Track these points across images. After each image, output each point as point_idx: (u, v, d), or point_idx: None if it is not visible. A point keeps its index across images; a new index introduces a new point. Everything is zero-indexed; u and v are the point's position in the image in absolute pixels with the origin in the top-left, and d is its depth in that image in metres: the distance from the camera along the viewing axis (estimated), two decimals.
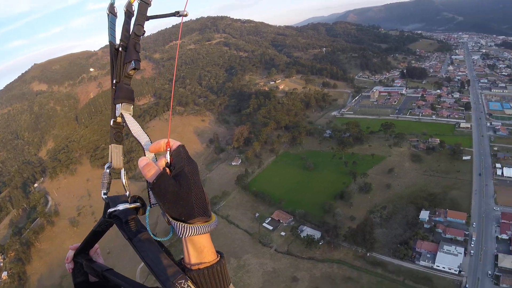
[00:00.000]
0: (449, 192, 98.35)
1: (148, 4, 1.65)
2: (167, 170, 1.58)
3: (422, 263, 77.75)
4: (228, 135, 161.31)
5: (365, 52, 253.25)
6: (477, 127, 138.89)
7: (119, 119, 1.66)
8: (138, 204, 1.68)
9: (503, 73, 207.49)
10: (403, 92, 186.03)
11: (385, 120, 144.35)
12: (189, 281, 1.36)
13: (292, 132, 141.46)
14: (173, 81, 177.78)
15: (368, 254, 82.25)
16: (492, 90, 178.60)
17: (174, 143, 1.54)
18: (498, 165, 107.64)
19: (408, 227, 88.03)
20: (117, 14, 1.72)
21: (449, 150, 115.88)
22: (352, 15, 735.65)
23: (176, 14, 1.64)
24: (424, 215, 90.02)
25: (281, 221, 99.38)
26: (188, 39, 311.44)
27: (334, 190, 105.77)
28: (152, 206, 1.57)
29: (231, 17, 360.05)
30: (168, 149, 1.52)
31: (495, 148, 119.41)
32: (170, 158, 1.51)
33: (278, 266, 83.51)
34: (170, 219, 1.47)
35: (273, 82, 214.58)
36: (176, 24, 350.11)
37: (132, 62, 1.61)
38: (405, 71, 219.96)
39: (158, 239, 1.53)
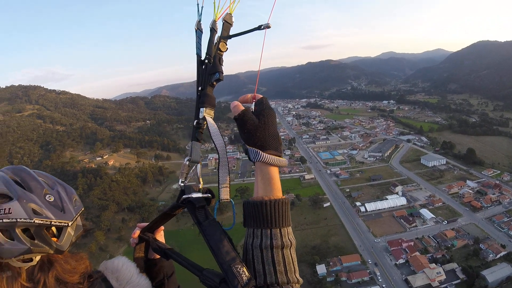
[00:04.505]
0: (329, 240, 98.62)
1: (231, 25, 1.80)
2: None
3: None
4: None
5: (189, 122, 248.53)
6: (319, 176, 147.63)
7: (201, 121, 1.84)
8: (209, 195, 1.82)
9: (319, 127, 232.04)
10: (238, 156, 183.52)
11: (232, 185, 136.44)
12: (244, 268, 1.40)
13: (140, 213, 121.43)
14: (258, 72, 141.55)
15: None
16: (316, 143, 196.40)
17: (258, 96, 1.70)
18: (358, 203, 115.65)
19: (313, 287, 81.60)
20: (203, 30, 1.89)
21: (309, 201, 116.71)
22: (165, 90, 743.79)
23: (259, 27, 1.69)
24: (321, 269, 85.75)
25: None
26: None
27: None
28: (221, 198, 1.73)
29: (44, 87, 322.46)
30: (254, 100, 1.68)
31: (347, 190, 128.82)
32: (254, 108, 1.66)
33: None
34: (247, 146, 1.63)
35: (100, 158, 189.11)
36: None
37: (216, 73, 1.75)
38: (233, 137, 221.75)
39: (223, 228, 1.62)
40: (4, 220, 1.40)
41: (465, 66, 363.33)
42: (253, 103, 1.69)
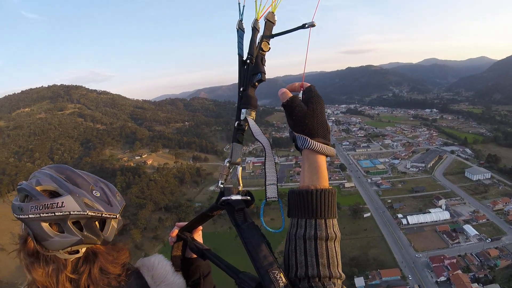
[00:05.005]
0: (369, 252, 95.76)
1: (273, 24, 1.74)
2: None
3: None
4: None
5: (228, 125, 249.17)
6: (360, 184, 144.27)
7: (242, 122, 1.78)
8: (249, 198, 1.79)
9: (359, 134, 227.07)
10: (276, 161, 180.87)
11: None
12: (281, 273, 1.37)
13: (177, 213, 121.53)
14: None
15: None
16: (356, 150, 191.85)
17: (306, 84, 1.67)
18: (399, 215, 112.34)
19: None
20: (245, 30, 1.83)
21: (349, 211, 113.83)
22: (203, 93, 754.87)
23: (303, 26, 1.64)
24: (360, 282, 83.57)
25: None
26: (37, 108, 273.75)
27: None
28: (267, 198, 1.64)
29: (86, 87, 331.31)
30: (302, 89, 1.65)
31: (389, 201, 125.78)
32: (302, 96, 1.63)
33: None
34: (295, 133, 1.58)
35: (139, 157, 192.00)
36: (25, 90, 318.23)
37: (258, 74, 1.72)
38: (271, 141, 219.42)
39: (270, 230, 1.61)
40: (57, 213, 1.49)
41: (511, 75, 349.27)
42: (301, 91, 1.66)
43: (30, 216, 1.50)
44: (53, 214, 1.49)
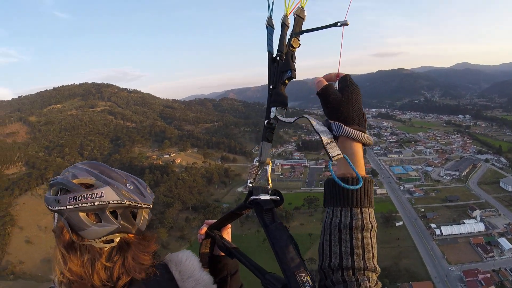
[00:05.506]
0: (400, 263, 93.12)
1: (303, 19, 1.69)
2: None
3: None
4: None
5: (257, 126, 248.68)
6: (392, 191, 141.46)
7: (272, 121, 1.74)
8: (278, 197, 1.73)
9: (391, 140, 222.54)
10: (306, 164, 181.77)
11: (297, 193, 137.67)
12: (308, 277, 1.33)
13: (204, 213, 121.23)
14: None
15: None
16: (388, 156, 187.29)
17: (341, 73, 1.64)
18: (433, 225, 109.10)
19: None
20: (274, 26, 1.79)
21: (381, 218, 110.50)
22: (232, 94, 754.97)
23: (336, 24, 1.58)
24: None
25: None
26: (69, 104, 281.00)
27: None
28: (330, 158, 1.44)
29: (117, 85, 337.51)
30: (338, 78, 1.61)
31: (422, 210, 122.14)
32: (338, 85, 1.59)
33: None
34: (330, 121, 1.55)
35: (167, 156, 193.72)
36: (57, 87, 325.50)
37: (288, 71, 1.67)
38: (300, 143, 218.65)
39: (344, 185, 1.39)
40: (96, 203, 1.56)
41: None
42: (337, 81, 1.62)
43: (68, 207, 1.55)
44: (93, 204, 1.55)
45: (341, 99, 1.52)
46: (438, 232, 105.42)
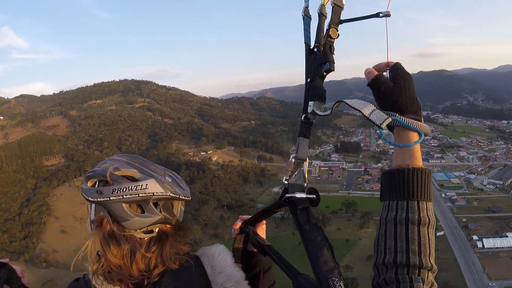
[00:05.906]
0: (439, 275, 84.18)
1: (341, 8, 1.61)
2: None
3: None
4: None
5: (294, 126, 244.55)
6: (433, 199, 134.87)
7: (309, 115, 1.63)
8: (314, 196, 1.64)
9: (432, 144, 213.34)
10: (344, 166, 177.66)
11: (335, 196, 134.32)
12: (341, 282, 1.26)
13: (239, 212, 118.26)
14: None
15: None
16: (429, 161, 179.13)
17: (391, 62, 1.57)
18: (474, 237, 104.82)
19: None
20: (311, 16, 1.69)
21: None
22: (270, 93, 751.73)
23: (378, 15, 1.52)
24: None
25: None
26: (109, 100, 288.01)
27: None
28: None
29: (156, 82, 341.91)
30: (388, 68, 1.54)
31: (464, 220, 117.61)
32: (389, 74, 1.53)
33: None
34: (383, 112, 1.44)
35: (204, 153, 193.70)
36: (97, 83, 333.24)
37: (327, 63, 1.57)
38: (339, 145, 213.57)
39: (395, 144, 1.42)
40: (141, 195, 1.58)
41: None
42: (387, 70, 1.55)
43: (111, 198, 1.56)
44: (137, 195, 1.57)
45: (393, 88, 1.46)
46: (479, 244, 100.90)
